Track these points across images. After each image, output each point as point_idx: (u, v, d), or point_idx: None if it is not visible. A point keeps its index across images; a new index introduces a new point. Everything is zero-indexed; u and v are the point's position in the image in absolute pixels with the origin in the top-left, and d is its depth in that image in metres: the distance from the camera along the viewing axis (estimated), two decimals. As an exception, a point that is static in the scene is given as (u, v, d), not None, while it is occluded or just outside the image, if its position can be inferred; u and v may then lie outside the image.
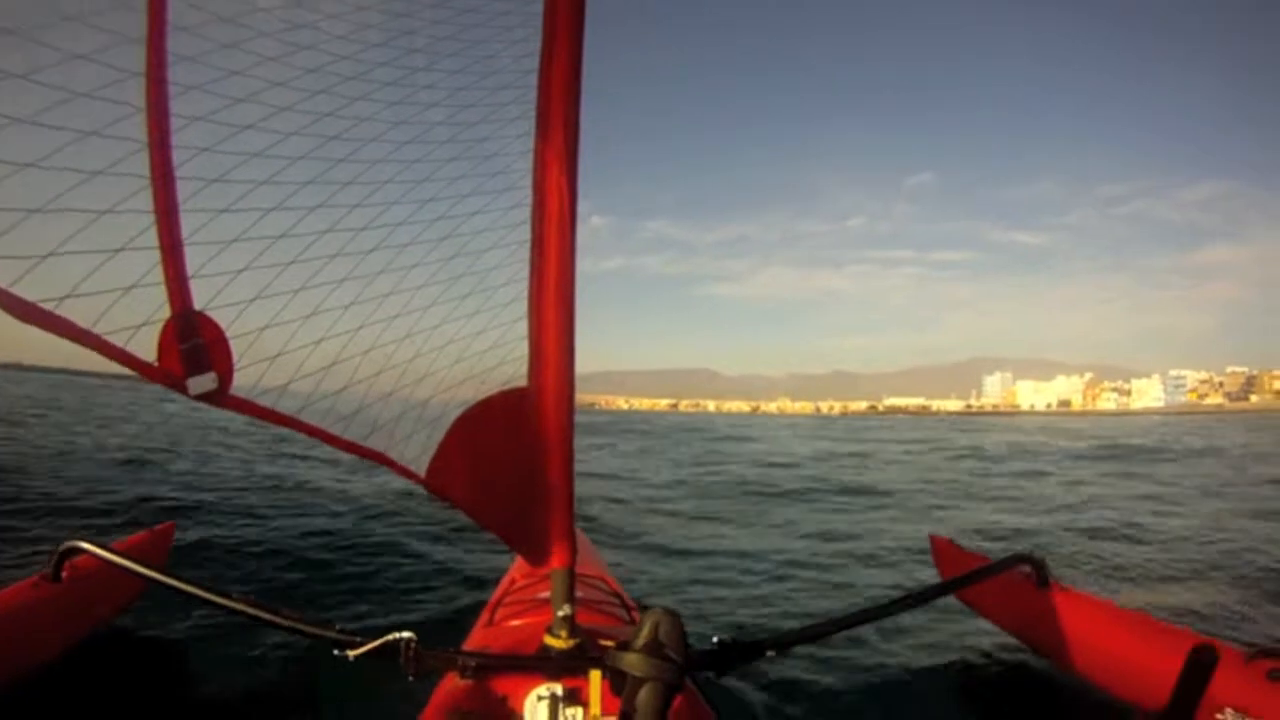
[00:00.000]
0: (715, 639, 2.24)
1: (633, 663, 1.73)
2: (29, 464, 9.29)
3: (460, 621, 3.86)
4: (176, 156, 1.70)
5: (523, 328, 2.17)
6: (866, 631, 3.92)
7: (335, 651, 2.11)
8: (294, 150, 1.84)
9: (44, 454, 10.66)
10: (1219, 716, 2.59)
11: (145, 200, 1.65)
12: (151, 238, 1.66)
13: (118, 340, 1.60)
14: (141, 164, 1.65)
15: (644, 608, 2.23)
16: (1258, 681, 2.60)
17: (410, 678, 2.09)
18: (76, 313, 1.55)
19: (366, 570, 5.41)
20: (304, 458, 11.90)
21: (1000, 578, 3.51)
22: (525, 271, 2.14)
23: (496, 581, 3.40)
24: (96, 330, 1.57)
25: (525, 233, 2.12)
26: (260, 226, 1.80)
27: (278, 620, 2.20)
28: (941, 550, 4.62)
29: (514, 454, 2.22)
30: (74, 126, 1.53)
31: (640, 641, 1.75)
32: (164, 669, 3.49)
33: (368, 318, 1.97)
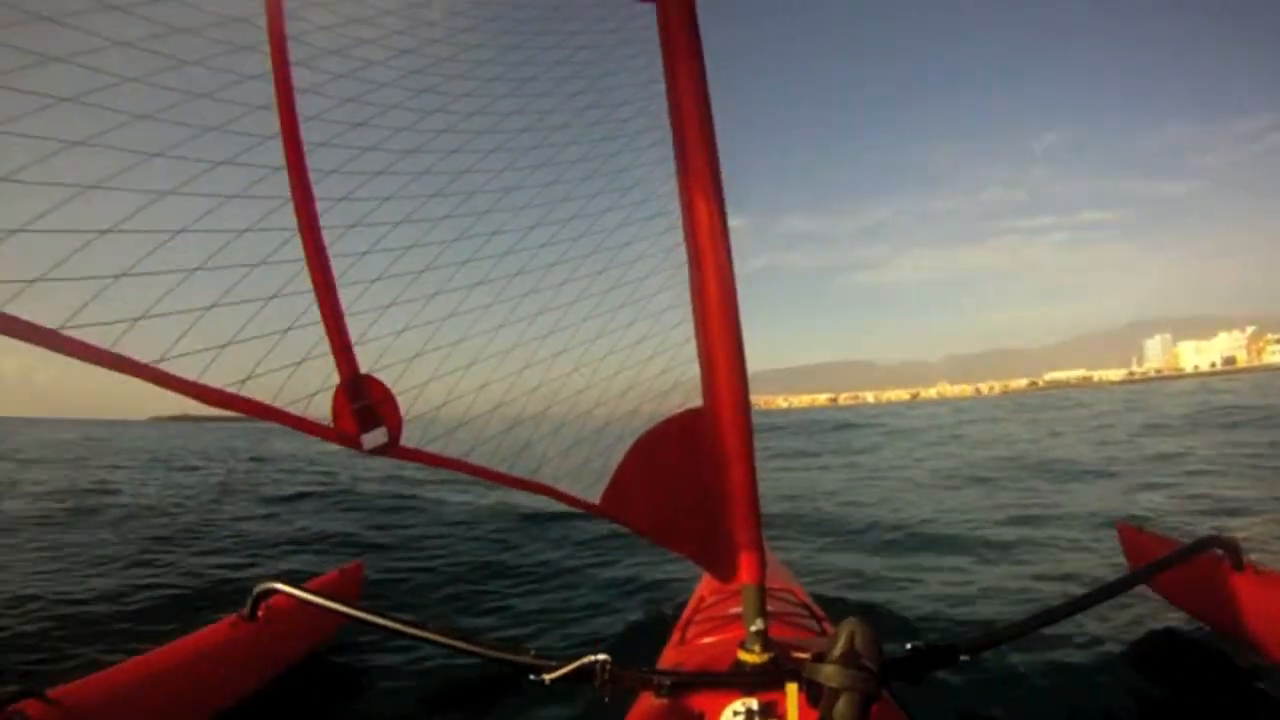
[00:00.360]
0: (909, 645, 2.13)
1: (830, 674, 1.69)
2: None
3: (648, 641, 3.61)
4: (326, 236, 1.76)
5: (692, 349, 2.04)
6: (1057, 628, 3.37)
7: (531, 676, 2.07)
8: (437, 211, 1.84)
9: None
10: None
11: (304, 281, 1.72)
12: (315, 314, 1.73)
13: (296, 410, 1.70)
14: (296, 250, 1.71)
15: (835, 619, 2.16)
16: None
17: (605, 699, 2.01)
18: (259, 390, 1.66)
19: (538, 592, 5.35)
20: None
21: (1192, 563, 3.23)
22: (687, 293, 2.01)
23: (684, 601, 3.24)
24: (278, 404, 1.68)
25: (681, 254, 1.99)
26: (415, 288, 1.83)
27: (473, 649, 2.16)
28: (1129, 538, 4.28)
29: (695, 473, 2.09)
30: (229, 227, 1.62)
31: (837, 652, 1.71)
32: (360, 701, 3.46)
33: (532, 357, 1.94)
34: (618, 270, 2.00)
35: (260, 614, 3.10)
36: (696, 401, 2.07)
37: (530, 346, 1.95)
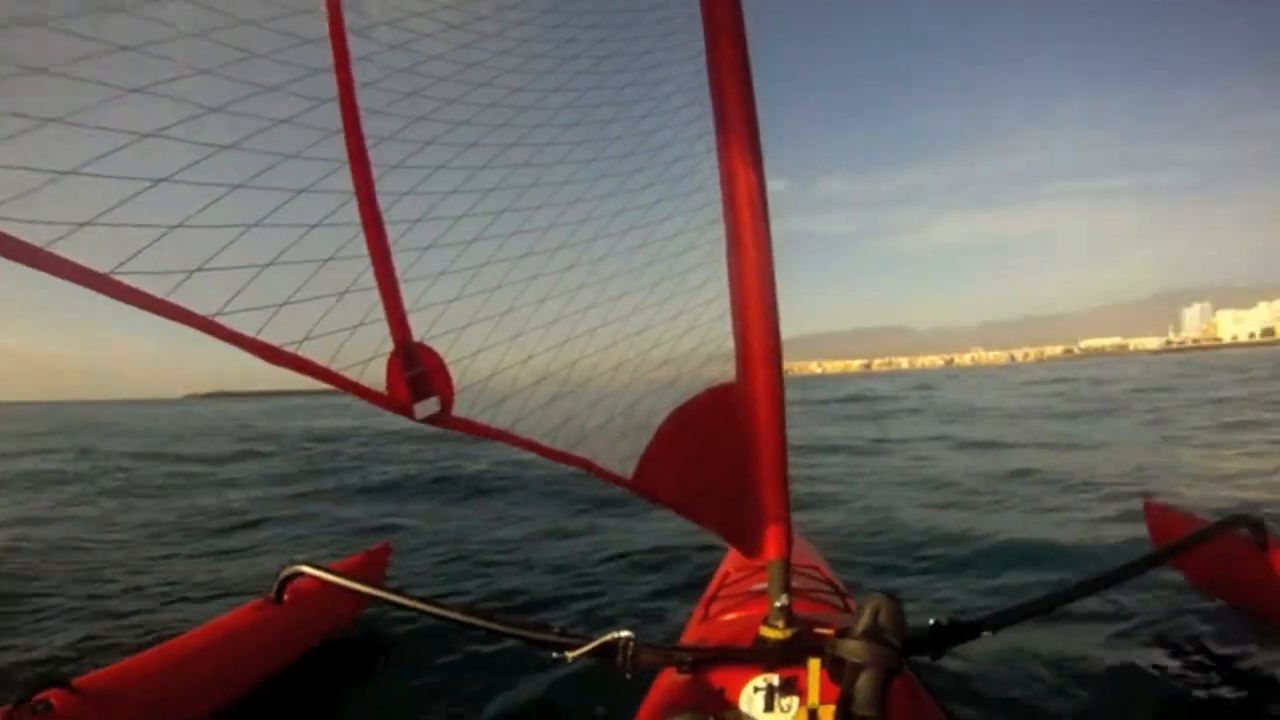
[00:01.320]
0: (931, 621, 2.15)
1: (853, 649, 1.70)
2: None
3: (673, 619, 3.70)
4: (382, 202, 1.76)
5: (727, 324, 2.07)
6: (1080, 605, 3.41)
7: (554, 654, 2.09)
8: (485, 183, 1.87)
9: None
10: None
11: (360, 245, 1.73)
12: (370, 279, 1.74)
13: (352, 375, 1.70)
14: (352, 213, 1.72)
15: (860, 594, 2.23)
16: None
17: (628, 676, 2.03)
18: (314, 352, 1.66)
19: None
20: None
21: (1216, 543, 3.22)
22: (723, 269, 2.04)
23: (709, 577, 3.23)
24: (333, 367, 1.67)
25: (719, 230, 2.03)
26: (464, 258, 1.85)
27: (497, 627, 2.21)
28: (1155, 515, 4.24)
29: (726, 449, 2.11)
30: (285, 185, 1.62)
31: (861, 627, 1.72)
32: (385, 679, 3.54)
33: (571, 331, 1.96)
34: (655, 245, 2.04)
35: (286, 597, 3.12)
36: (731, 376, 2.11)
37: (572, 320, 1.98)
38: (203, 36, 1.52)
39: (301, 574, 2.91)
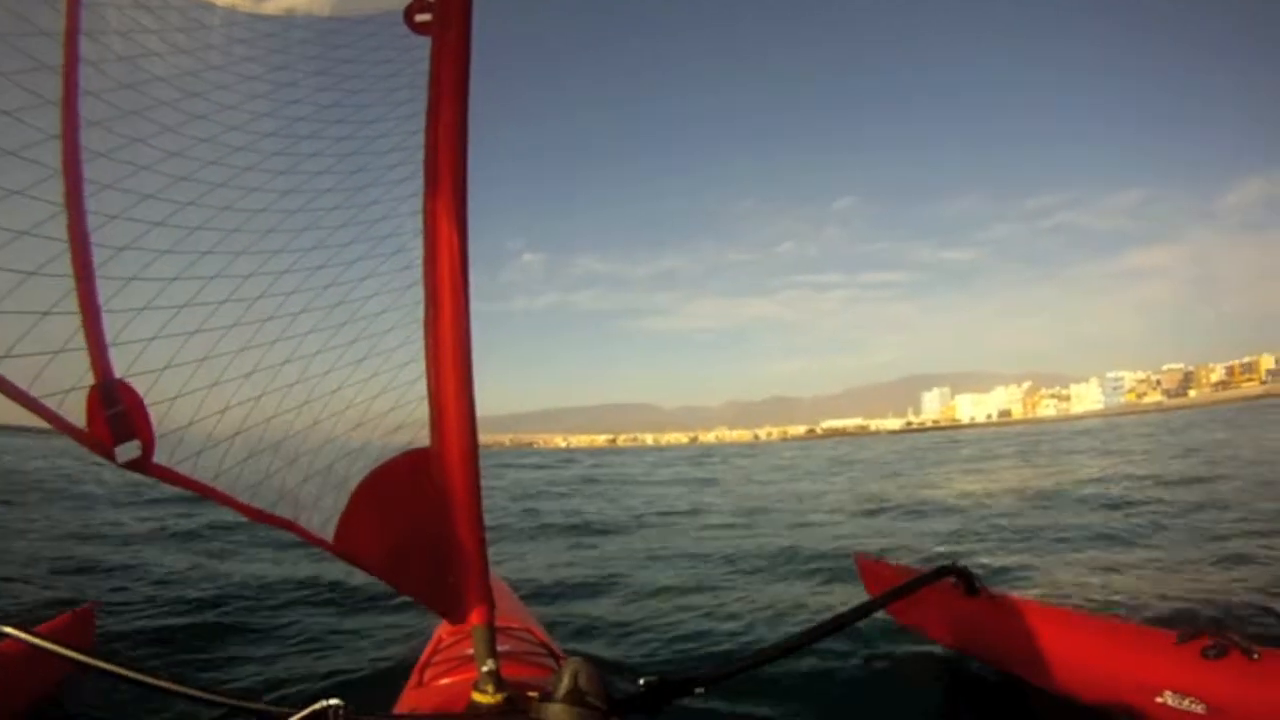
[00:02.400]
0: (642, 680, 2.12)
1: (555, 713, 1.74)
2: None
3: (391, 683, 3.62)
4: (90, 221, 1.72)
5: (422, 388, 1.98)
6: (802, 656, 3.73)
7: None
8: (191, 220, 1.82)
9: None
10: (1159, 700, 2.61)
11: (65, 264, 1.68)
12: (72, 303, 1.69)
13: (52, 404, 1.64)
14: (60, 228, 1.68)
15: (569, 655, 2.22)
16: (1193, 662, 2.62)
17: None
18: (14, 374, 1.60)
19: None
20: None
21: (929, 591, 3.41)
22: (419, 333, 1.95)
23: (425, 642, 3.15)
24: (33, 392, 1.62)
25: (418, 294, 1.93)
26: (167, 295, 1.80)
27: (204, 696, 2.09)
28: (866, 568, 4.51)
29: (421, 515, 2.05)
30: None
31: (561, 691, 1.75)
32: None
33: (268, 385, 1.90)
34: (354, 304, 1.97)
35: None
36: (424, 441, 2.03)
37: (269, 373, 1.93)
38: None
39: (3, 635, 2.47)
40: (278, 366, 1.93)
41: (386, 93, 1.87)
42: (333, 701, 1.97)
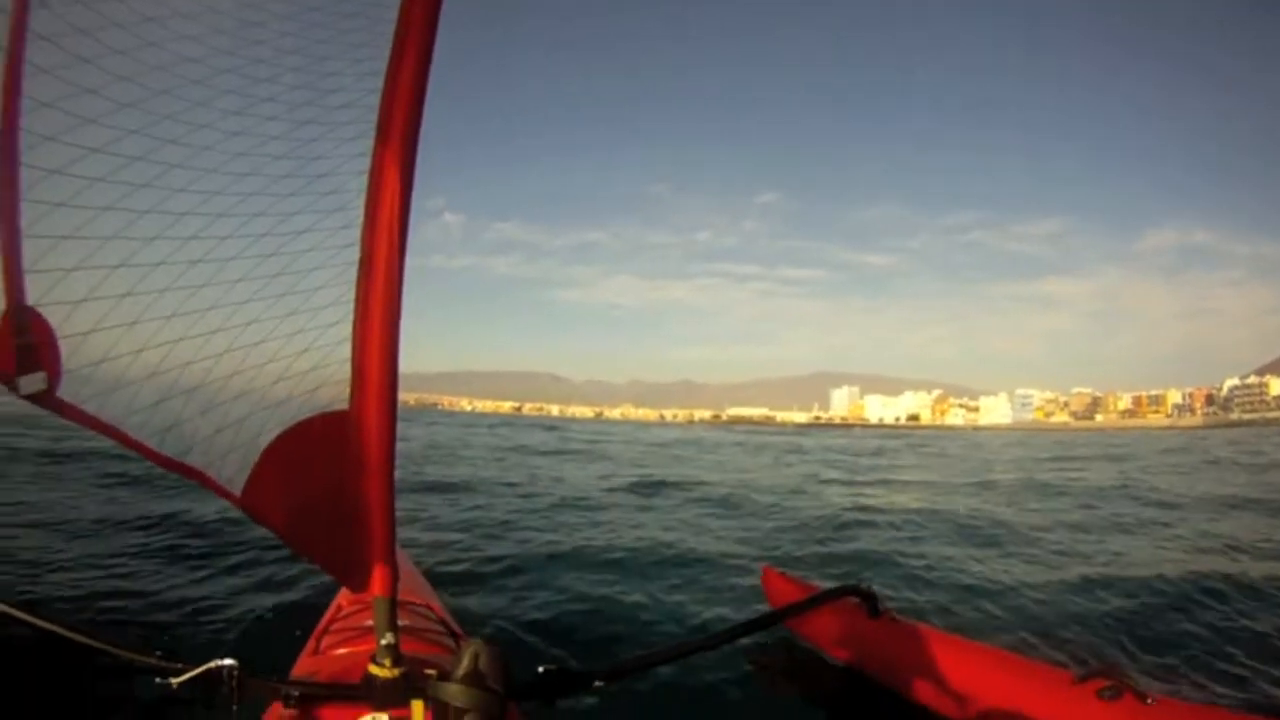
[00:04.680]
0: (541, 669, 2.13)
1: (454, 694, 1.71)
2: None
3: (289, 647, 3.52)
4: (24, 140, 1.69)
5: (346, 350, 1.91)
6: (699, 659, 3.60)
7: (157, 679, 1.95)
8: (132, 150, 1.76)
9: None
10: None
11: None
12: None
13: None
14: None
15: (470, 636, 2.15)
16: (1088, 702, 2.64)
17: (234, 707, 1.95)
18: None
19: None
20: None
21: (831, 608, 3.52)
22: (350, 294, 1.87)
23: (324, 607, 3.06)
24: None
25: (353, 254, 1.85)
26: (95, 226, 1.75)
27: (92, 643, 2.02)
28: (772, 581, 4.50)
29: (333, 479, 1.98)
30: None
31: (460, 672, 1.72)
32: None
33: (189, 330, 1.84)
34: (287, 257, 1.88)
35: None
36: (342, 403, 1.95)
37: (191, 318, 1.86)
38: None
39: None
40: (202, 311, 1.86)
41: (349, 47, 1.80)
42: (227, 661, 1.96)
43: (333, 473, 1.97)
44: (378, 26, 1.77)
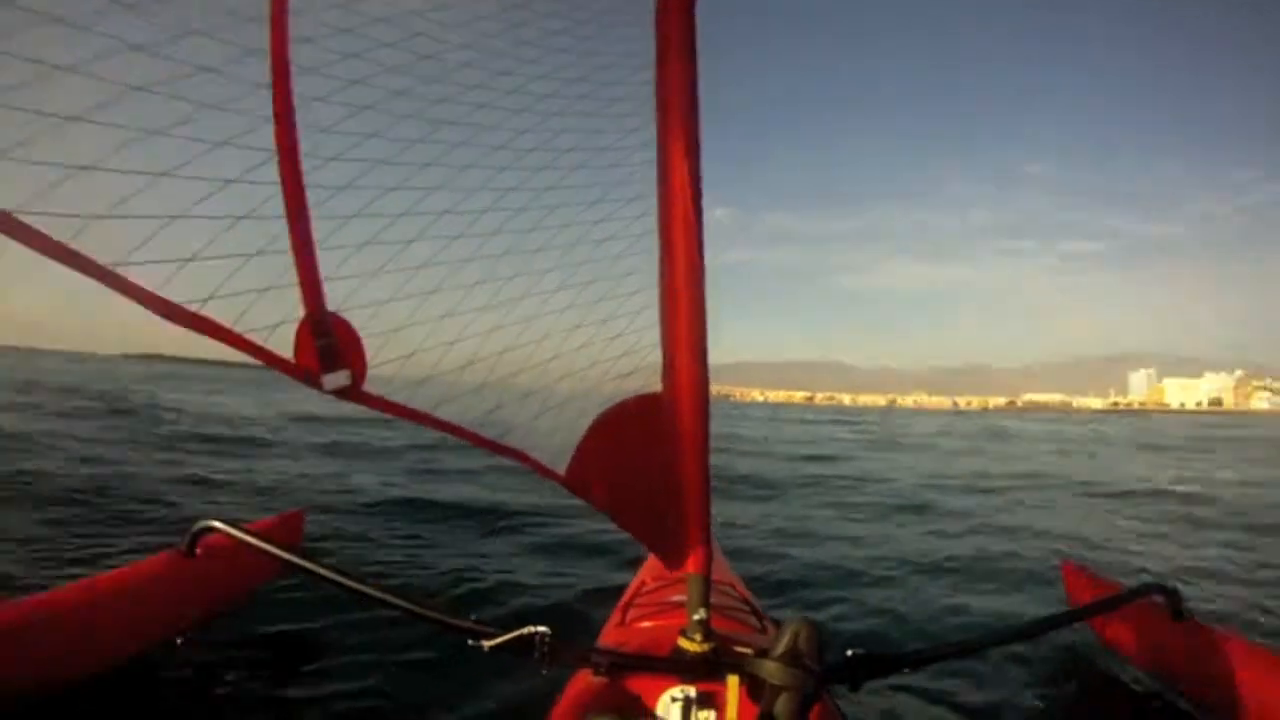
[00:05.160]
0: (849, 652, 2.08)
1: (771, 670, 1.66)
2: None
3: (589, 619, 3.62)
4: (305, 164, 1.67)
5: (655, 334, 2.03)
6: (998, 652, 3.60)
7: (470, 642, 2.01)
8: (419, 158, 1.78)
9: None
10: None
11: (277, 206, 1.63)
12: (285, 242, 1.65)
13: (257, 338, 1.62)
14: (271, 172, 1.62)
15: (775, 619, 2.21)
16: None
17: (544, 672, 1.97)
18: (219, 313, 1.55)
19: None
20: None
21: (1132, 608, 3.22)
22: (655, 278, 2.01)
23: (625, 584, 3.21)
24: (237, 329, 1.58)
25: (652, 241, 1.99)
26: (391, 232, 1.77)
27: (412, 609, 2.10)
28: (1072, 576, 4.22)
29: (650, 459, 2.08)
30: (207, 138, 1.51)
31: (780, 650, 1.68)
32: (292, 651, 3.43)
33: (503, 319, 1.91)
34: (590, 246, 1.99)
35: (198, 551, 3.01)
36: (656, 386, 2.06)
37: (503, 308, 1.91)
38: None
39: (214, 529, 2.74)
40: (515, 301, 1.93)
41: (617, 40, 1.96)
42: (540, 628, 1.97)
43: (650, 452, 2.05)
44: (639, 14, 1.94)
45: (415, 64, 1.77)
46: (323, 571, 2.20)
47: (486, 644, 1.98)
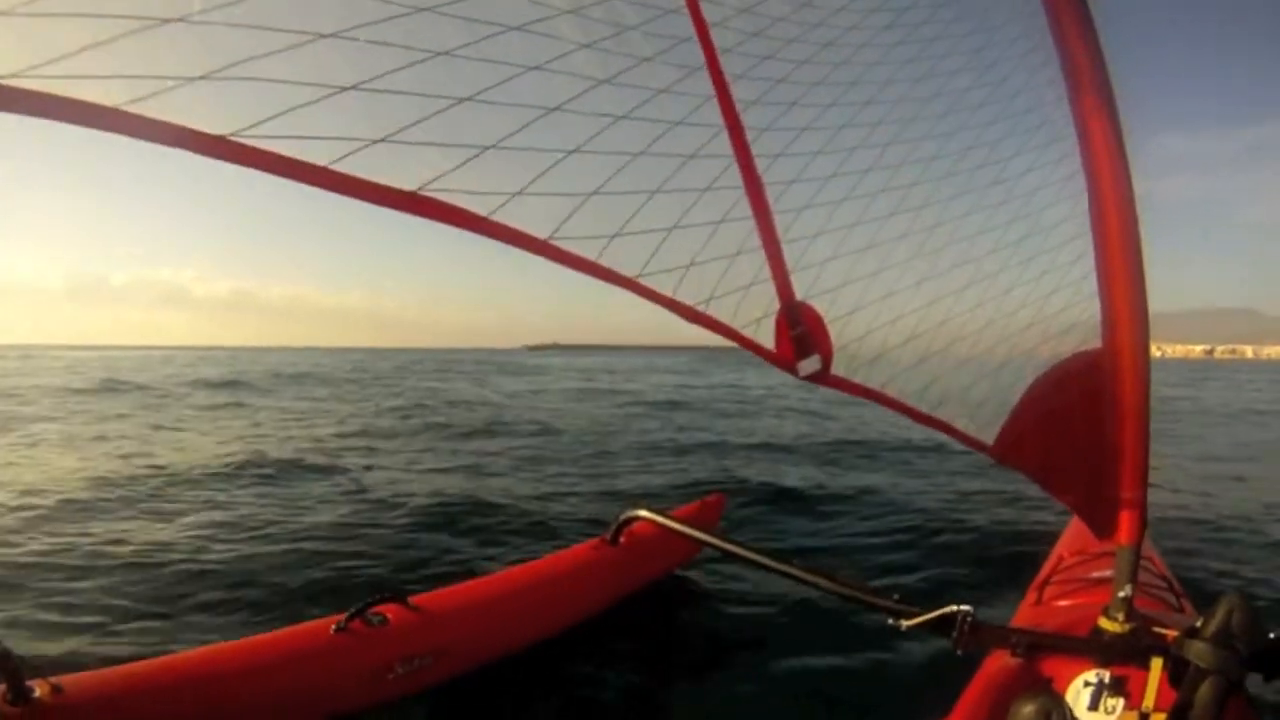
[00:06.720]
0: (1272, 635, 1.69)
1: (1200, 652, 1.53)
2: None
3: (998, 596, 3.44)
4: (759, 165, 1.72)
5: (1091, 285, 1.91)
6: None
7: (889, 621, 2.01)
8: (847, 143, 1.81)
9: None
10: None
11: (744, 209, 1.70)
12: (755, 241, 1.72)
13: (748, 333, 1.72)
14: (734, 177, 1.69)
15: (1194, 597, 2.07)
16: None
17: (959, 653, 1.93)
18: (716, 311, 1.69)
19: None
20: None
21: None
22: (1086, 227, 1.88)
23: (1041, 559, 3.01)
24: (734, 325, 1.71)
25: (1079, 184, 1.86)
26: (835, 218, 1.81)
27: (835, 588, 2.12)
28: None
29: (1087, 420, 1.96)
30: (677, 151, 1.60)
31: (1212, 629, 1.55)
32: (706, 625, 3.47)
33: (939, 291, 1.90)
34: (1018, 202, 1.93)
35: (623, 539, 3.21)
36: (1095, 343, 1.95)
37: (939, 280, 1.91)
38: (576, 13, 1.48)
39: (639, 518, 2.98)
40: (949, 271, 1.91)
41: None
42: (963, 607, 1.94)
43: (1087, 415, 1.95)
44: None
45: (819, 53, 1.80)
46: (745, 553, 2.31)
47: (905, 623, 1.99)
